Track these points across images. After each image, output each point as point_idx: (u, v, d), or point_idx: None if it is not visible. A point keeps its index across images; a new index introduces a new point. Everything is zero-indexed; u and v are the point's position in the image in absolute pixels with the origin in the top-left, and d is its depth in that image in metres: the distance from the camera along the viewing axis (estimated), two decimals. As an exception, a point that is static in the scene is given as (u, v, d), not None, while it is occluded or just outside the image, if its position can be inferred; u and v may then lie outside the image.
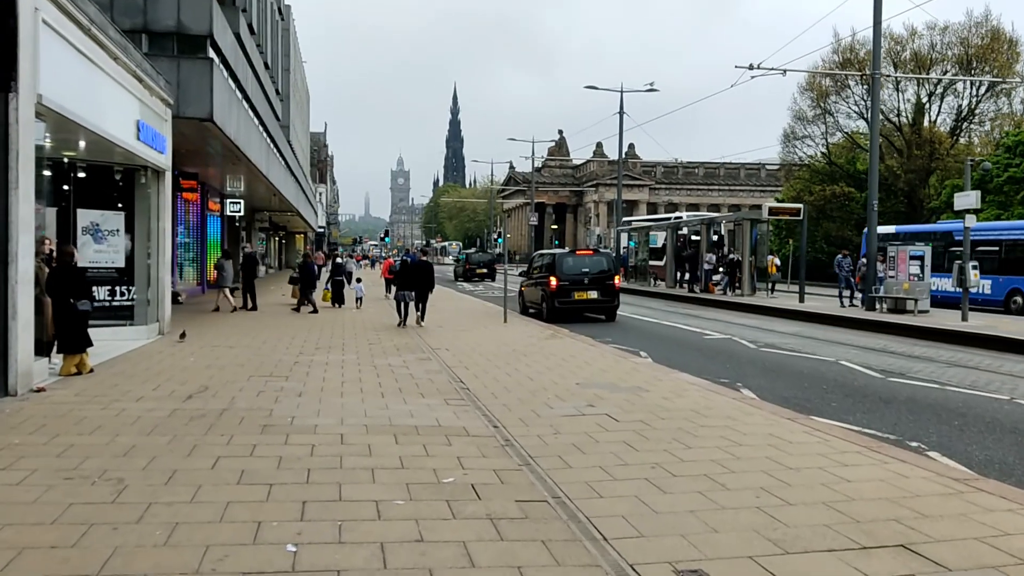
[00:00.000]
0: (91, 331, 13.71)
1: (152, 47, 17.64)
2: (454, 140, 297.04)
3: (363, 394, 9.19)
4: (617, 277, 21.48)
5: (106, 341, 13.33)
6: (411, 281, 17.67)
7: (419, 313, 17.77)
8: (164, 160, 14.64)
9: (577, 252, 22.17)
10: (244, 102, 21.79)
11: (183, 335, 14.09)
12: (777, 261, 28.37)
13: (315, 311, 20.87)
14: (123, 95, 12.37)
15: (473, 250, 69.16)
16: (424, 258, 19.27)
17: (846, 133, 45.34)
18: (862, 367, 12.60)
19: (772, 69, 21.78)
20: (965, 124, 43.71)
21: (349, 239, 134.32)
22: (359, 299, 23.36)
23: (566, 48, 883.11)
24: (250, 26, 26.94)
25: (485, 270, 48.48)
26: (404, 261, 18.98)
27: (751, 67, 21.38)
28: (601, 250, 24.60)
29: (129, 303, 14.20)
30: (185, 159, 21.77)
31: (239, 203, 32.74)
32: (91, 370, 10.14)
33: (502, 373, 10.97)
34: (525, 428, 7.49)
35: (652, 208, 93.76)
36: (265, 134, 27.68)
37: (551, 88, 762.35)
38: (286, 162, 38.12)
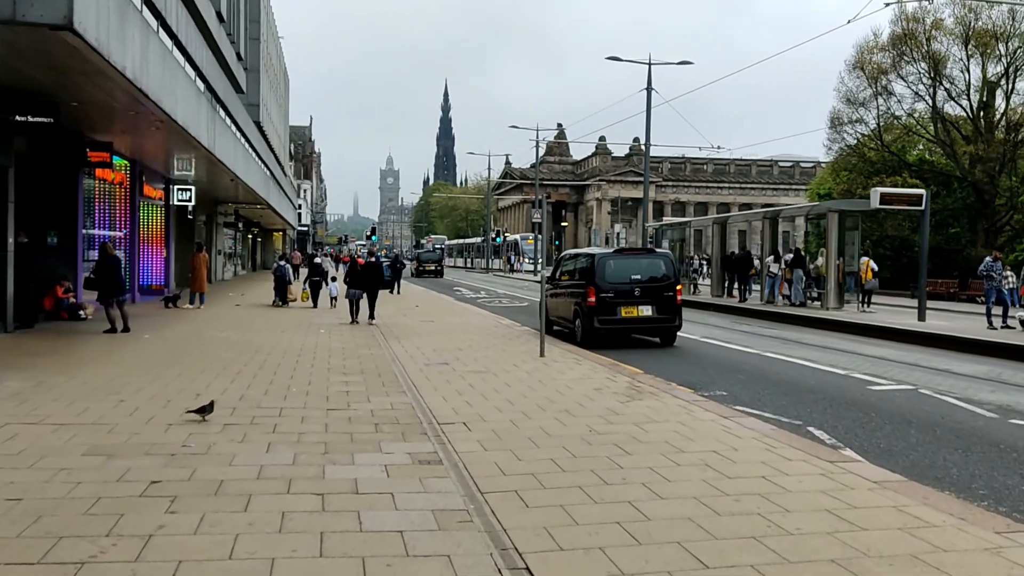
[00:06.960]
0: None
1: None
2: (445, 138, 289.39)
3: None
4: (679, 287, 15.52)
5: None
6: (361, 281, 18.29)
7: (370, 311, 18.15)
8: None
9: (624, 252, 16.12)
10: (163, 32, 15.41)
11: (205, 409, 7.38)
12: (874, 265, 22.05)
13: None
14: None
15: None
16: (371, 259, 19.53)
17: (907, 116, 39.12)
18: None
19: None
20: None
21: (335, 239, 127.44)
22: (333, 299, 22.85)
23: (570, 46, 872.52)
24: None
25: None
26: (354, 261, 19.48)
27: (883, -8, 15.23)
28: (657, 250, 18.42)
29: None
30: (89, 119, 15.39)
31: (189, 190, 26.28)
32: None
33: (606, 526, 4.73)
34: None
35: (658, 207, 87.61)
36: (209, 94, 21.32)
37: (553, 88, 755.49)
38: (249, 142, 31.75)
